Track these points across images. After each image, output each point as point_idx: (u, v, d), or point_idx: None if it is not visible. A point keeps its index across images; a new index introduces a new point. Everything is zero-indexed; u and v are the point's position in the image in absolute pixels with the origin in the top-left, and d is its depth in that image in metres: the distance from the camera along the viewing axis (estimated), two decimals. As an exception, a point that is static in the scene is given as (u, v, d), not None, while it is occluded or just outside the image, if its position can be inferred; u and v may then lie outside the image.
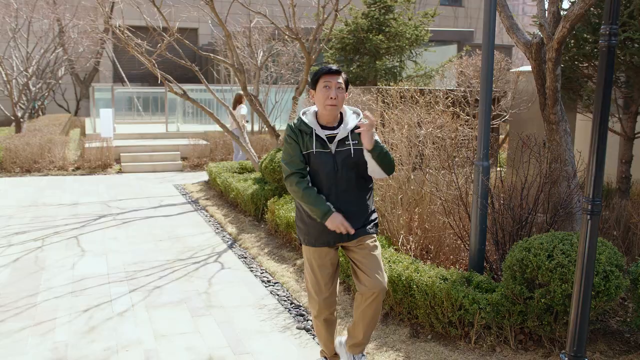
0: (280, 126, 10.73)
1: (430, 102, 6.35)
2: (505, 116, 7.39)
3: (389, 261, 4.65)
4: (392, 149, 5.66)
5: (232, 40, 9.58)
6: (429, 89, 7.27)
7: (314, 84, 3.29)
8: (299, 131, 3.33)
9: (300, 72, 14.08)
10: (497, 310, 3.90)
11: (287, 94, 14.10)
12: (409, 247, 5.33)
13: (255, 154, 10.19)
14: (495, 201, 4.67)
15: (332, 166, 3.27)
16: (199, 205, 9.17)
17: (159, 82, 9.36)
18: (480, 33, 32.48)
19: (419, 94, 6.61)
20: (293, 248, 6.44)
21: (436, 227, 5.28)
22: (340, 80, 3.26)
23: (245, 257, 6.38)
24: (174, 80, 9.82)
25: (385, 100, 6.60)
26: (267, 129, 10.21)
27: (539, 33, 5.10)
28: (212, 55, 9.55)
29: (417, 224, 5.49)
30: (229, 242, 7.00)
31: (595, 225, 2.61)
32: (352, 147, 3.28)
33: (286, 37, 9.31)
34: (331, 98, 3.20)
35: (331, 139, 3.29)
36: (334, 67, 3.28)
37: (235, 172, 10.09)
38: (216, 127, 14.07)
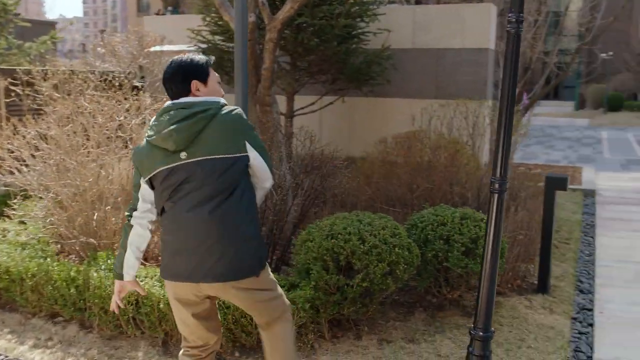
0: None
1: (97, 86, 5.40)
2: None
3: (158, 280, 3.84)
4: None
5: None
6: (90, 71, 6.15)
7: (205, 76, 2.63)
8: None
9: None
10: (313, 306, 3.69)
11: None
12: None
13: None
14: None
15: None
16: None
17: None
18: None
19: (76, 76, 5.54)
20: None
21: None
22: None
23: None
24: None
25: (43, 85, 5.28)
26: None
27: (254, 12, 4.91)
28: None
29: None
30: None
31: (503, 203, 2.73)
32: None
33: None
34: (222, 95, 2.73)
35: None
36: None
37: None
38: None
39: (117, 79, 5.99)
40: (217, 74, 2.68)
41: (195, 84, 2.58)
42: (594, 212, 8.03)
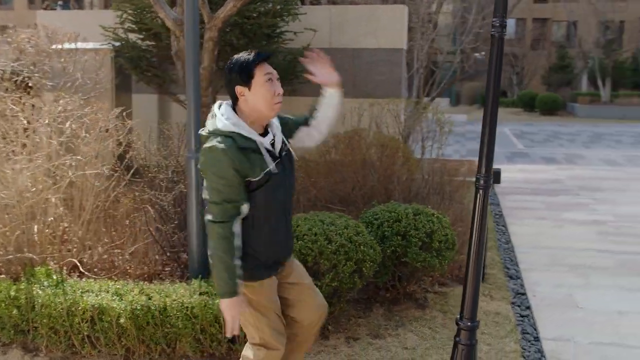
0: None
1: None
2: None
3: (114, 293, 3.61)
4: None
5: None
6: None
7: (247, 78, 2.39)
8: (239, 149, 2.34)
9: None
10: (282, 309, 3.65)
11: None
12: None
13: None
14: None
15: (285, 185, 2.51)
16: None
17: None
18: None
19: None
20: None
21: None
22: (273, 70, 2.50)
23: None
24: None
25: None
26: None
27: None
28: None
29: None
30: None
31: (487, 198, 2.86)
32: (290, 152, 2.60)
33: None
34: (279, 94, 2.44)
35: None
36: (262, 52, 2.47)
37: None
38: None
39: (29, 78, 5.55)
40: (270, 70, 2.44)
41: (238, 89, 2.42)
42: (498, 202, 8.58)
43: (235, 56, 2.46)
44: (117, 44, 6.52)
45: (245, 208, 2.39)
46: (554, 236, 6.70)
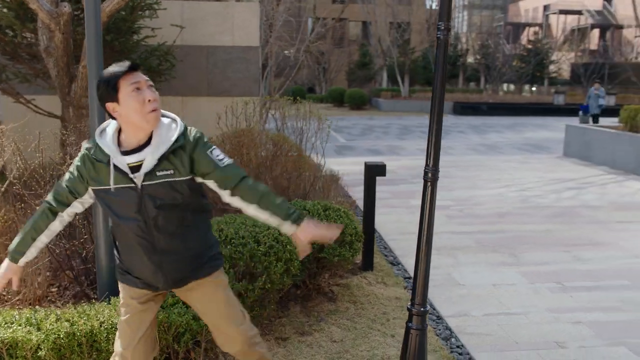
0: None
1: None
2: None
3: (27, 323, 3.18)
4: None
5: None
6: None
7: (112, 94, 2.23)
8: (94, 160, 2.33)
9: None
10: (216, 317, 3.52)
11: None
12: None
13: None
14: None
15: (137, 208, 2.33)
16: None
17: None
18: None
19: None
20: None
21: None
22: (145, 77, 2.31)
23: None
24: None
25: None
26: None
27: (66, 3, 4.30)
28: None
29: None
30: None
31: (435, 190, 3.05)
32: (168, 180, 2.31)
33: None
34: (149, 101, 2.24)
35: (135, 168, 2.30)
36: (128, 62, 2.28)
37: None
38: None
39: None
40: (137, 79, 2.24)
41: (109, 106, 2.27)
42: (349, 194, 9.01)
43: (103, 71, 2.30)
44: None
45: (77, 203, 2.46)
46: (412, 222, 7.26)
